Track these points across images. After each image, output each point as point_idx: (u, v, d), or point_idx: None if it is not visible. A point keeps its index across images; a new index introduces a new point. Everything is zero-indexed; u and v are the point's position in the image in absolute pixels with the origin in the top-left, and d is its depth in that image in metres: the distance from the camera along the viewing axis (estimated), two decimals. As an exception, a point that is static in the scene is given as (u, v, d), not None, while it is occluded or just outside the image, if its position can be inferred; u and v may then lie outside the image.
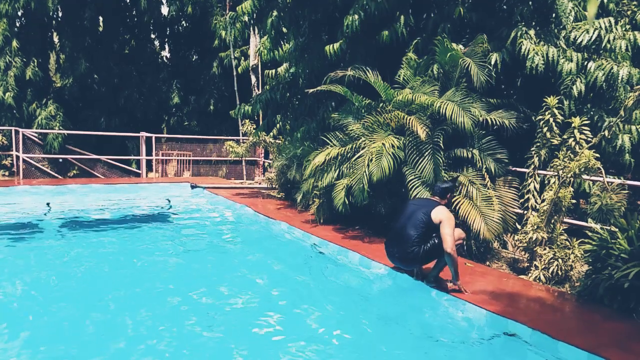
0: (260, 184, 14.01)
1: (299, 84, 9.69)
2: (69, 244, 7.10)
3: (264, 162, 16.82)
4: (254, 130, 12.24)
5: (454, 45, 6.72)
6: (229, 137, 16.40)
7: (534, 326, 3.95)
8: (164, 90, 21.82)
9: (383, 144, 6.36)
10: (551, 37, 6.78)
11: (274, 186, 11.63)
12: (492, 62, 6.74)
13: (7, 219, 8.92)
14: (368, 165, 6.30)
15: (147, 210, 10.44)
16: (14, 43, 17.32)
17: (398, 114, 6.55)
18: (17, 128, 15.14)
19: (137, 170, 17.46)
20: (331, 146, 7.27)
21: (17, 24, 18.03)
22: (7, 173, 17.13)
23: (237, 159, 15.43)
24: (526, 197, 6.37)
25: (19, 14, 17.91)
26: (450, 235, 4.68)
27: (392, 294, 5.27)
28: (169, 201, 11.36)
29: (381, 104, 7.15)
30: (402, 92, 6.77)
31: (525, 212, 6.35)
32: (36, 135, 17.13)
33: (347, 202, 6.81)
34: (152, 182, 13.48)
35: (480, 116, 6.44)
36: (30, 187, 11.65)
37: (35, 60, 18.00)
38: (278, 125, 10.95)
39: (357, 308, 4.92)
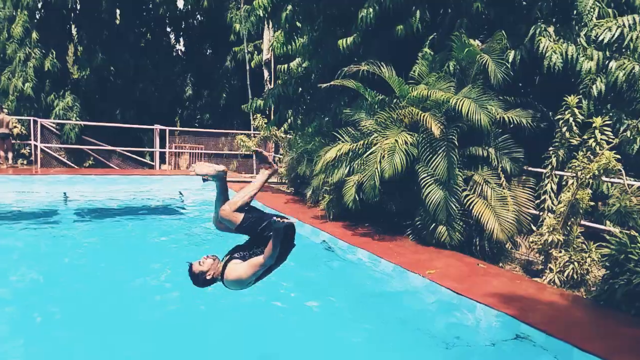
0: (270, 178, 13.97)
1: (312, 79, 9.61)
2: (84, 233, 7.16)
3: (274, 156, 16.77)
4: (265, 125, 12.21)
5: (471, 41, 6.57)
6: (241, 131, 16.37)
7: (547, 330, 3.84)
8: (178, 84, 21.89)
9: (396, 140, 6.25)
10: (571, 34, 6.59)
11: (283, 181, 11.59)
12: (510, 60, 6.57)
13: (24, 206, 9.03)
14: (380, 161, 6.20)
15: (160, 202, 10.49)
16: (34, 34, 17.50)
17: (412, 110, 6.43)
18: (35, 118, 15.30)
19: (151, 162, 17.56)
20: (342, 142, 7.18)
21: (37, 16, 18.21)
22: (25, 162, 17.33)
23: (248, 153, 15.41)
24: (542, 198, 6.22)
25: (39, 5, 18.10)
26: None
27: (401, 293, 5.17)
28: (181, 194, 11.39)
29: (395, 100, 7.03)
30: (417, 88, 6.64)
31: (541, 213, 6.19)
32: (54, 125, 17.31)
33: (357, 199, 6.72)
34: (165, 174, 13.55)
35: (497, 114, 6.30)
36: (47, 176, 11.77)
37: (54, 52, 18.13)
38: (289, 120, 10.89)
39: (366, 306, 4.85)
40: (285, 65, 10.75)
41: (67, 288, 4.77)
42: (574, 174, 5.56)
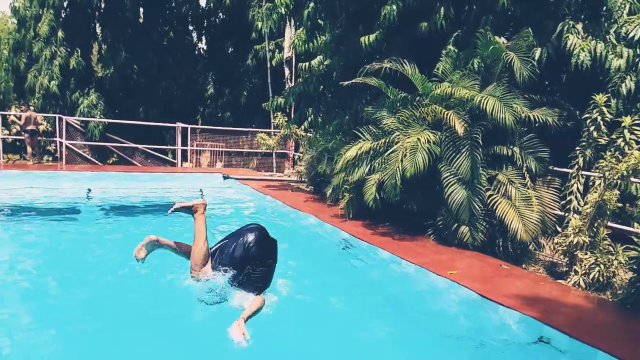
0: (289, 176, 14.01)
1: (333, 77, 9.59)
2: (106, 229, 7.26)
3: (294, 155, 16.82)
4: (285, 123, 12.23)
5: (496, 38, 6.47)
6: (261, 130, 16.47)
7: (571, 333, 3.75)
8: (200, 82, 22.12)
9: (418, 138, 6.19)
10: (600, 31, 6.42)
11: (303, 179, 11.60)
12: (536, 57, 6.45)
13: (49, 202, 9.22)
14: (402, 160, 6.15)
15: (182, 199, 10.58)
16: (59, 33, 17.88)
17: (435, 108, 6.36)
18: (60, 115, 15.64)
19: (173, 160, 17.80)
20: (363, 140, 7.14)
21: (63, 15, 18.61)
22: (50, 158, 17.74)
23: (268, 151, 15.49)
24: (568, 198, 6.09)
25: (65, 4, 18.48)
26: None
27: (421, 293, 5.11)
28: (202, 191, 11.50)
29: (417, 98, 6.96)
30: (440, 86, 6.57)
31: (567, 214, 6.07)
32: (78, 122, 17.67)
33: (378, 198, 6.67)
34: (186, 172, 13.71)
35: (522, 113, 6.18)
36: (72, 173, 12.03)
37: (79, 50, 18.52)
38: (309, 119, 10.89)
39: (385, 306, 4.80)
40: (307, 63, 10.75)
41: (90, 284, 4.83)
42: (602, 175, 5.42)
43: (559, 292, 4.85)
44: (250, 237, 3.64)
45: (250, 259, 3.65)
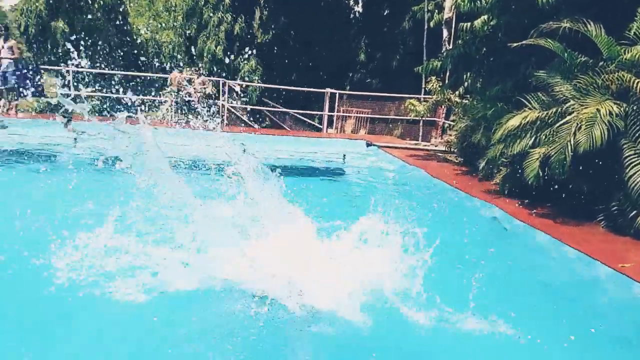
0: (436, 146, 13.42)
1: (498, 38, 8.73)
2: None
3: (443, 123, 16.01)
4: (439, 88, 11.63)
5: None
6: (411, 95, 15.94)
7: None
8: (352, 47, 22.18)
9: (598, 109, 5.39)
10: None
11: (452, 150, 10.99)
12: None
13: (207, 159, 10.17)
14: (575, 133, 5.42)
15: (326, 164, 10.94)
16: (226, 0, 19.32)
17: (623, 75, 5.47)
18: (224, 79, 17.03)
19: (319, 125, 18.32)
20: (529, 109, 6.44)
21: (230, -19, 20.00)
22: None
23: (417, 118, 14.98)
24: None
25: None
26: None
27: (584, 284, 4.60)
28: (344, 157, 11.68)
29: (601, 63, 6.00)
30: (632, 50, 5.60)
31: None
32: (239, 86, 19.11)
33: (540, 175, 6.00)
34: (332, 138, 14.07)
35: None
36: (231, 134, 13.11)
37: (243, 17, 19.80)
38: (466, 84, 10.17)
39: (540, 295, 4.41)
40: (468, 24, 9.95)
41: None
42: None
43: None
44: None
45: None
